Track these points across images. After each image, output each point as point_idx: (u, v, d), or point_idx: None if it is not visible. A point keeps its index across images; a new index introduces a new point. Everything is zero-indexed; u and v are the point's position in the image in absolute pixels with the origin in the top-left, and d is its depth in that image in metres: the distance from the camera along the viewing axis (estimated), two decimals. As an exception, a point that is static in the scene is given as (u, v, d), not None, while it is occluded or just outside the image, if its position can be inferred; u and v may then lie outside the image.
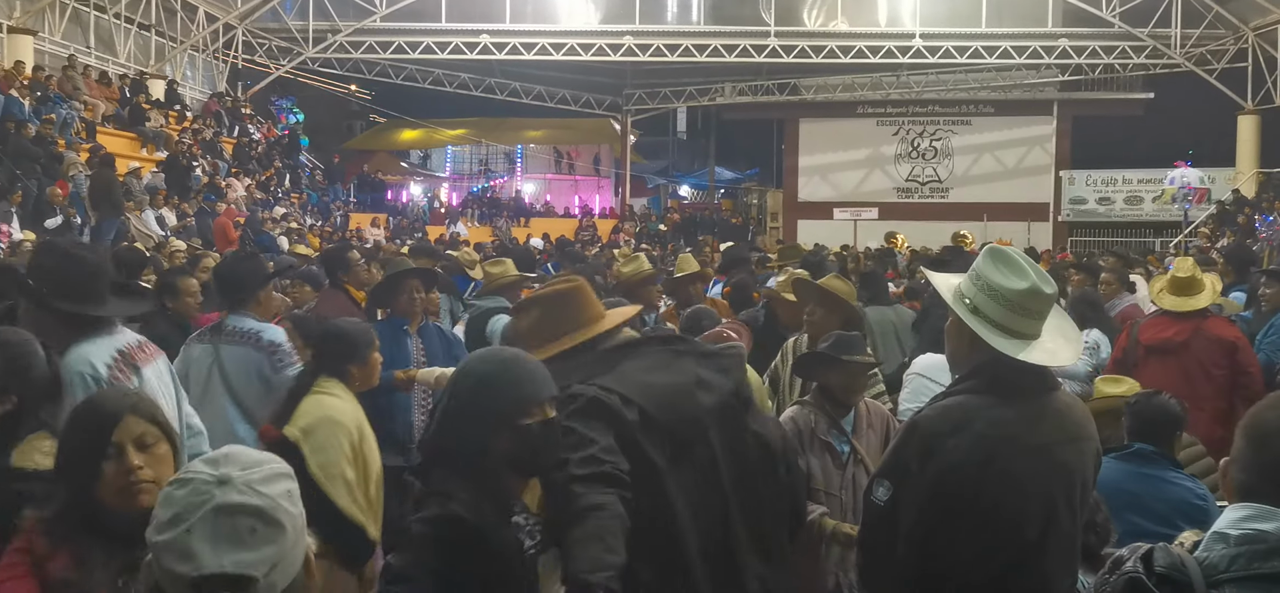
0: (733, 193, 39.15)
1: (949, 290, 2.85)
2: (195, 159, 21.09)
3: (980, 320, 2.71)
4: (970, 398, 2.74)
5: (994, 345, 2.68)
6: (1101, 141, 30.98)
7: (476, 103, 32.86)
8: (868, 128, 32.30)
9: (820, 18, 27.92)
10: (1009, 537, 2.68)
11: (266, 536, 1.61)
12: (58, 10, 22.39)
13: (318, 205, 27.02)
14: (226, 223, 18.22)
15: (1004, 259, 2.77)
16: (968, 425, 2.68)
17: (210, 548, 1.56)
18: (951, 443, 2.67)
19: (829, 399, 4.14)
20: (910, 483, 2.72)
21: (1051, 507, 2.70)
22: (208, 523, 1.57)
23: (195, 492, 1.60)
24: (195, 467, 1.65)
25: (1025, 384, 2.73)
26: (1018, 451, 2.67)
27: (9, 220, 14.61)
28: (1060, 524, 2.72)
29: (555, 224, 30.88)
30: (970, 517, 2.67)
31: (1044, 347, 2.72)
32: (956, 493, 2.67)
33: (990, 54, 27.08)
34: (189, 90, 26.61)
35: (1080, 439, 2.79)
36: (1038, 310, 2.73)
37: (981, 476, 2.66)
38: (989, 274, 2.74)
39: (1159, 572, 1.74)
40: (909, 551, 2.73)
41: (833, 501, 3.97)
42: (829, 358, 4.11)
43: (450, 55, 27.65)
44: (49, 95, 18.92)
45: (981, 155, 31.80)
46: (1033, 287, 2.70)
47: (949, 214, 28.99)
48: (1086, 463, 2.81)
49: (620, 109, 34.26)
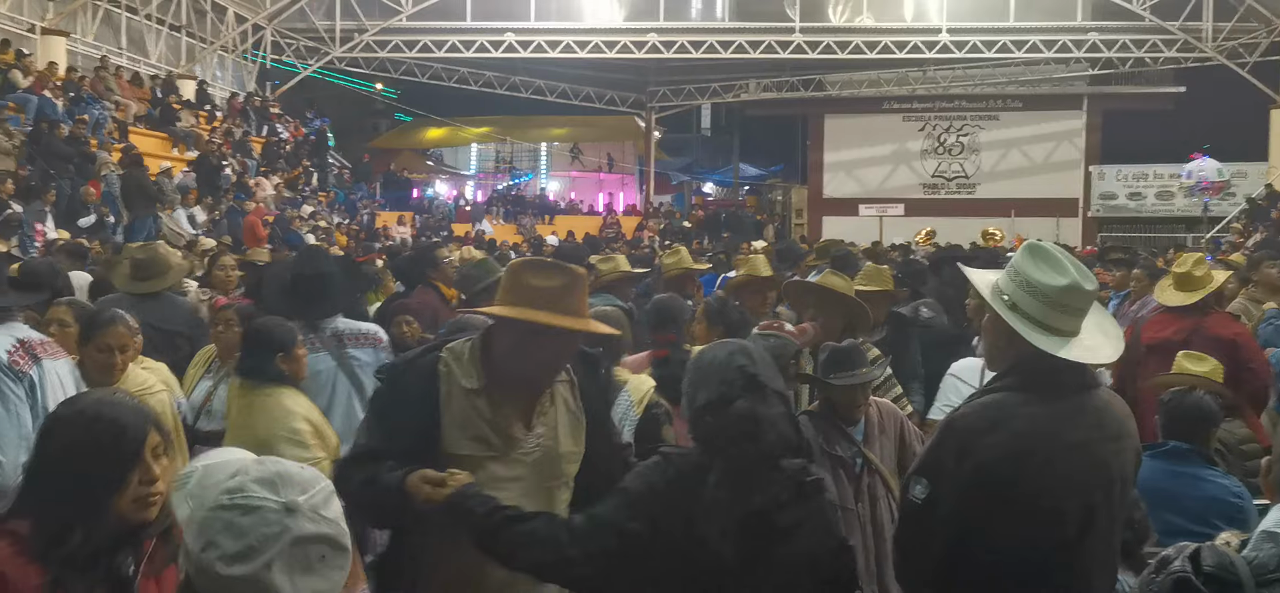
0: (757, 189, 39.07)
1: (987, 287, 2.83)
2: (225, 158, 21.26)
3: (1019, 317, 2.69)
4: (1008, 396, 2.72)
5: (1033, 342, 2.66)
6: (1132, 136, 30.64)
7: (501, 101, 32.95)
8: (893, 123, 32.14)
9: (845, 13, 27.77)
10: (1047, 535, 2.67)
11: (335, 561, 1.63)
12: (90, 12, 22.63)
13: (345, 204, 27.18)
14: (255, 221, 18.36)
15: (1043, 255, 2.74)
16: (1005, 423, 2.67)
17: (289, 581, 1.57)
18: (989, 440, 2.66)
19: (834, 411, 3.99)
20: (947, 481, 2.71)
21: (1090, 505, 2.69)
22: (285, 555, 1.57)
23: (266, 522, 1.59)
24: (253, 491, 1.62)
25: (1064, 381, 2.71)
26: (1056, 448, 2.65)
27: (43, 219, 14.77)
28: (1099, 523, 2.70)
29: (579, 222, 30.91)
30: (1008, 515, 2.66)
31: (1084, 344, 2.70)
32: (994, 491, 2.66)
33: (1018, 48, 26.87)
34: (218, 90, 26.83)
35: (1120, 437, 2.77)
36: (1078, 307, 2.70)
37: (1019, 473, 2.64)
38: (1028, 270, 2.71)
39: (1207, 571, 1.73)
40: (946, 549, 2.72)
41: (850, 515, 3.79)
42: (821, 380, 3.97)
43: (475, 54, 27.76)
44: (82, 96, 19.13)
45: (1009, 151, 31.57)
46: (1073, 283, 2.67)
47: (976, 210, 28.77)
48: (1126, 461, 2.79)
49: (644, 106, 34.26)
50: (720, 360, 2.66)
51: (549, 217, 31.98)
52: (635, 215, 32.78)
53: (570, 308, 2.83)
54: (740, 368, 2.62)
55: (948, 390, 4.89)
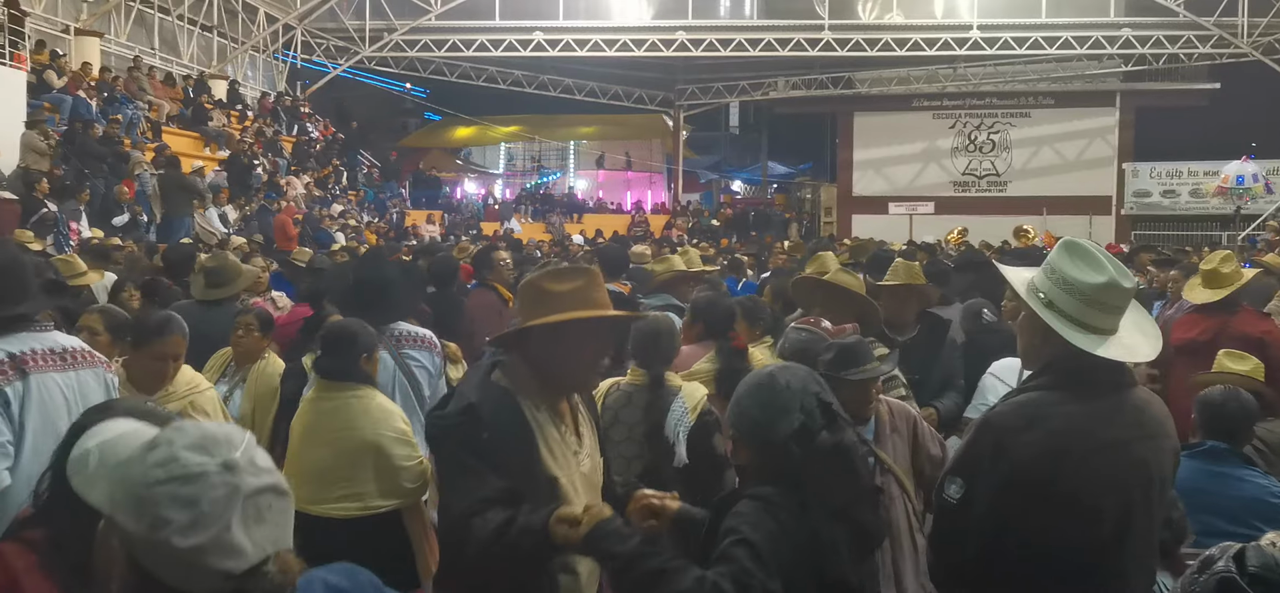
0: (786, 187, 38.96)
1: (1022, 284, 2.80)
2: (256, 158, 21.43)
3: (1055, 315, 2.66)
4: (1044, 394, 2.69)
5: (1070, 341, 2.62)
6: (1166, 133, 30.33)
7: (529, 100, 33.06)
8: (923, 121, 31.96)
9: (875, 10, 27.65)
10: (1085, 534, 2.63)
11: (281, 506, 1.63)
12: (123, 12, 22.89)
13: (374, 202, 27.34)
14: (286, 220, 18.49)
15: (1080, 252, 2.71)
16: (1041, 422, 2.63)
17: (246, 536, 1.56)
18: (1025, 439, 2.63)
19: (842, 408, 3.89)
20: (982, 480, 2.67)
21: (1128, 504, 2.65)
22: (240, 513, 1.56)
23: (211, 486, 1.56)
24: (188, 458, 1.58)
25: (1101, 380, 2.67)
26: (1093, 447, 2.62)
27: (77, 218, 14.93)
28: (1137, 522, 2.66)
29: (608, 220, 30.94)
30: (1045, 514, 2.62)
31: (1122, 342, 2.66)
32: (1030, 490, 2.62)
33: (1050, 45, 26.67)
34: (249, 90, 27.07)
35: (1158, 436, 2.73)
36: (1115, 305, 2.67)
37: (1056, 472, 2.61)
38: (1064, 268, 2.68)
39: (1252, 571, 1.69)
40: (981, 548, 2.68)
41: None
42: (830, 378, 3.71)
43: (503, 52, 27.87)
44: (115, 96, 19.34)
45: (1041, 148, 31.31)
46: (1111, 281, 2.64)
47: (1007, 208, 28.56)
48: (1164, 460, 2.74)
49: (672, 104, 34.24)
50: (796, 388, 2.53)
51: (577, 215, 32.04)
52: (664, 214, 32.78)
53: (597, 301, 2.84)
54: (816, 395, 2.53)
55: (986, 390, 4.79)
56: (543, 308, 2.82)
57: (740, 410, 2.59)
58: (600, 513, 2.49)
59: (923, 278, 5.70)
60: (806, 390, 2.52)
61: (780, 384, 2.54)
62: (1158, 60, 27.70)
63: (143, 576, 1.57)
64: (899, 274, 5.73)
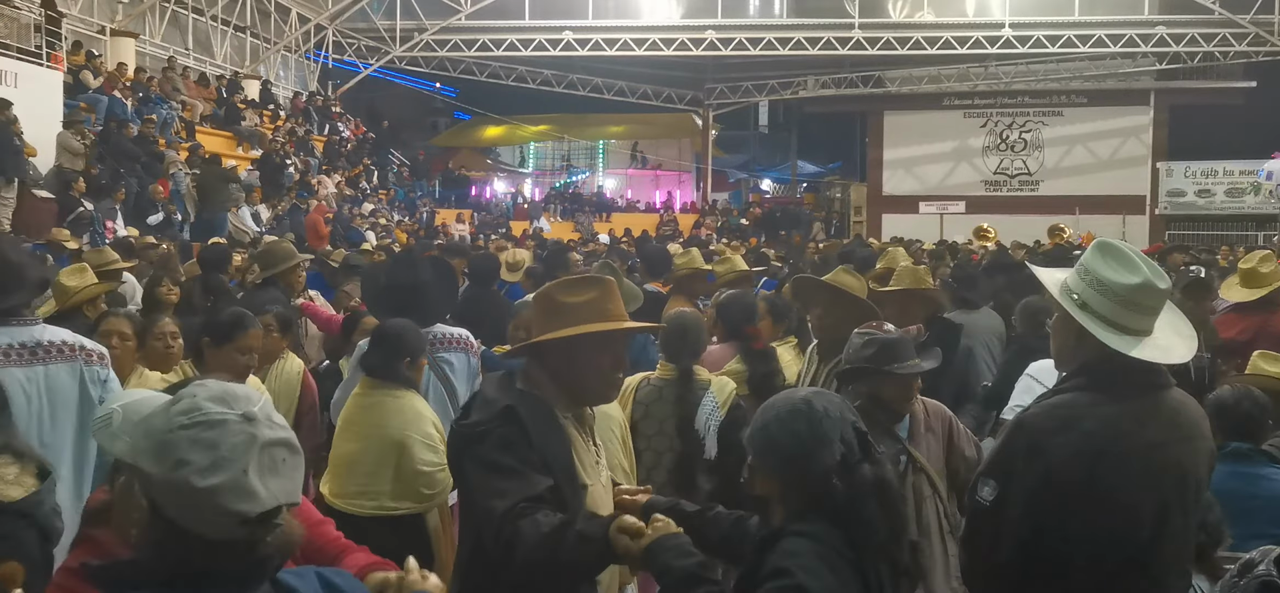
0: (815, 187, 38.82)
1: (1056, 285, 2.78)
2: (288, 157, 21.60)
3: (1089, 316, 2.65)
4: (1079, 395, 2.68)
5: (1105, 342, 2.61)
6: (1201, 131, 29.96)
7: (559, 99, 33.12)
8: (954, 120, 31.75)
9: (906, 9, 27.50)
10: (1120, 536, 2.62)
11: (294, 462, 1.72)
12: (158, 13, 23.15)
13: (404, 201, 27.50)
14: (317, 219, 18.61)
15: (1114, 253, 2.69)
16: (1076, 423, 2.62)
17: (262, 483, 1.65)
18: (1059, 441, 2.62)
19: (880, 407, 3.69)
20: (1017, 482, 2.66)
21: (1164, 506, 2.63)
22: (256, 460, 1.65)
23: (232, 433, 1.65)
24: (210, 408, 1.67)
25: (1136, 382, 2.65)
26: (1128, 449, 2.60)
27: (113, 217, 15.12)
28: (1173, 524, 2.65)
29: (636, 219, 30.95)
30: (1079, 516, 2.61)
31: (1157, 343, 2.64)
32: (1065, 492, 2.61)
33: (1083, 43, 26.44)
34: (282, 90, 27.30)
35: (1194, 438, 2.71)
36: (1150, 306, 2.65)
37: (1091, 474, 2.59)
38: (1098, 268, 2.67)
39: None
40: (1015, 551, 2.67)
41: None
42: (875, 372, 3.67)
43: (533, 52, 27.95)
44: (150, 96, 19.54)
45: (1073, 147, 31.02)
46: (1146, 281, 2.62)
47: (1039, 207, 28.34)
48: (1200, 463, 2.73)
49: (701, 103, 34.22)
50: (835, 416, 2.39)
51: (606, 214, 32.06)
52: (693, 213, 32.75)
53: (611, 313, 2.83)
54: (853, 424, 2.41)
55: (1021, 391, 4.75)
56: (557, 320, 2.81)
57: (770, 439, 2.41)
58: (668, 527, 2.43)
59: (928, 282, 5.60)
60: (845, 419, 2.39)
61: (818, 412, 2.38)
62: (1192, 58, 27.38)
63: (161, 519, 1.67)
64: (903, 279, 5.63)
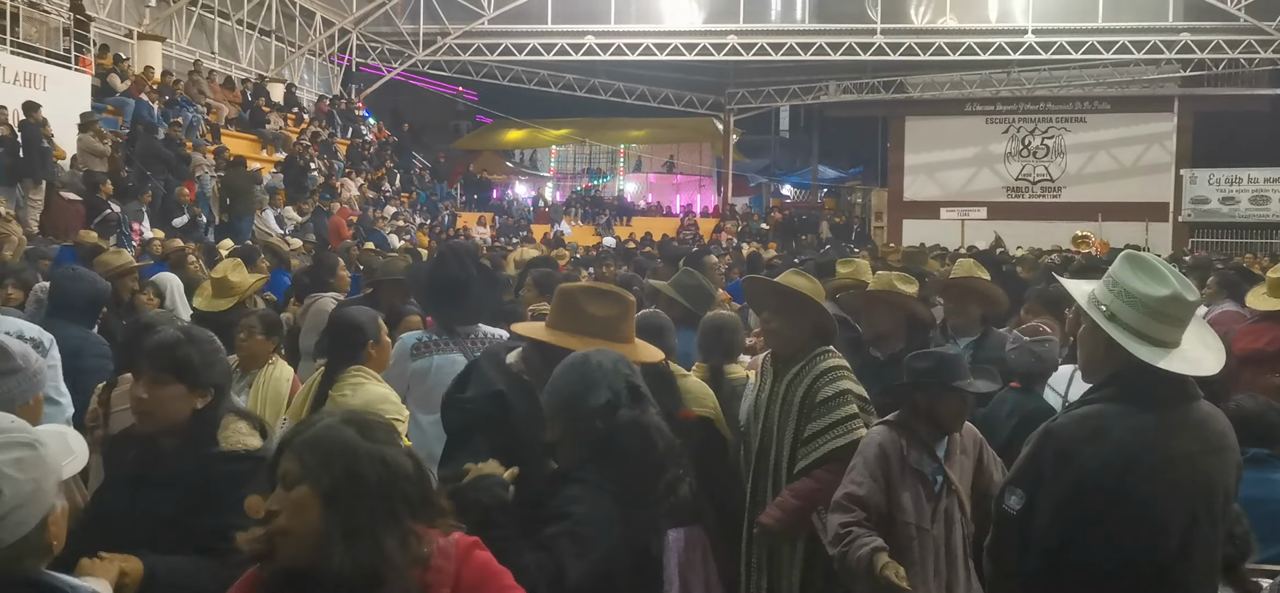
0: (836, 192, 38.74)
1: (1084, 296, 2.80)
2: (312, 160, 21.74)
3: (1118, 327, 2.66)
4: (1107, 406, 2.68)
5: (1133, 353, 2.62)
6: (1225, 138, 29.77)
7: (580, 103, 33.22)
8: (976, 125, 31.66)
9: (928, 14, 27.42)
10: (1148, 548, 2.63)
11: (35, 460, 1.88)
12: (185, 17, 23.37)
13: (426, 204, 27.62)
14: (340, 222, 18.73)
15: (1143, 264, 2.71)
16: (1105, 434, 2.63)
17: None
18: (1088, 451, 2.63)
19: (926, 422, 3.59)
20: (1044, 492, 2.67)
21: (1192, 518, 2.64)
22: None
23: None
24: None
25: (1164, 393, 2.66)
26: (1157, 460, 2.61)
27: (139, 219, 15.26)
28: (1201, 536, 2.66)
29: (657, 223, 30.98)
30: (1107, 527, 2.62)
31: (1186, 355, 2.65)
32: (1093, 502, 2.62)
33: (1107, 49, 26.27)
34: (306, 93, 27.48)
35: (1222, 450, 2.72)
36: (1179, 318, 2.66)
37: (1119, 485, 2.60)
38: (1127, 280, 2.68)
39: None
40: (1042, 561, 2.68)
41: (925, 536, 3.50)
42: (937, 386, 3.56)
43: (556, 56, 28.03)
44: (176, 99, 19.73)
45: (1096, 153, 30.88)
46: (1174, 293, 2.63)
47: (1061, 214, 28.26)
48: (1228, 474, 2.73)
49: (723, 108, 34.22)
50: (608, 368, 2.66)
51: (627, 218, 32.11)
52: (713, 217, 32.76)
53: (621, 335, 2.91)
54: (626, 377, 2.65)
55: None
56: (574, 323, 2.86)
57: (553, 387, 2.69)
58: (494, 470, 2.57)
59: (910, 287, 5.20)
60: (618, 372, 2.65)
61: (593, 364, 2.66)
62: (1217, 65, 27.18)
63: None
64: (881, 282, 5.34)
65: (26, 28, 16.53)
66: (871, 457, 3.53)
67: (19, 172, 14.28)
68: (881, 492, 3.49)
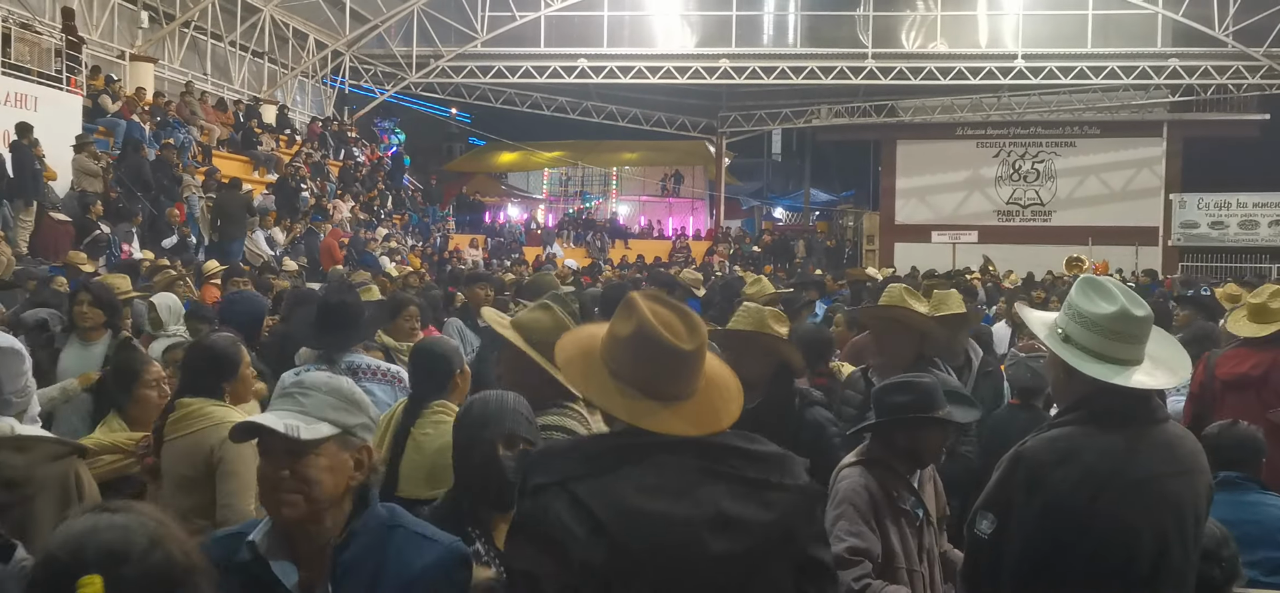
0: (828, 215, 38.87)
1: (1040, 325, 2.86)
2: (303, 181, 21.75)
3: (1071, 349, 2.71)
4: (1076, 429, 2.71)
5: (1084, 371, 2.66)
6: (1214, 163, 29.94)
7: (573, 126, 33.30)
8: (967, 149, 31.81)
9: (919, 39, 27.60)
10: (1119, 571, 2.64)
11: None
12: (177, 39, 23.40)
13: (418, 226, 27.65)
14: (332, 244, 18.76)
15: (1094, 286, 2.77)
16: (1074, 457, 2.66)
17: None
18: (1058, 474, 2.65)
19: (903, 458, 3.40)
20: (1016, 516, 2.70)
21: (1163, 540, 2.66)
22: None
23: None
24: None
25: (1130, 413, 2.69)
26: (1128, 483, 2.64)
27: (129, 240, 15.25)
28: (1172, 558, 2.68)
29: (649, 245, 31.04)
30: (1079, 550, 2.64)
31: (1142, 371, 2.69)
32: (1065, 525, 2.64)
33: (1096, 74, 26.44)
34: (298, 115, 27.52)
35: (1192, 472, 2.74)
36: (1132, 334, 2.70)
37: (1090, 508, 2.63)
38: (1078, 302, 2.74)
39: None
40: (1014, 584, 2.70)
41: (916, 577, 3.32)
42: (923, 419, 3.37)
43: (548, 79, 28.11)
44: (168, 120, 19.72)
45: (1086, 178, 31.05)
46: (1122, 310, 2.68)
47: (1052, 237, 28.36)
48: (1198, 496, 2.76)
49: (715, 131, 34.34)
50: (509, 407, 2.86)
51: (626, 241, 32.16)
52: (706, 239, 32.83)
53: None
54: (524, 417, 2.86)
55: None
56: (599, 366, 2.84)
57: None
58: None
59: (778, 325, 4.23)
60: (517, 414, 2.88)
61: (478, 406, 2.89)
62: (1206, 90, 27.36)
63: None
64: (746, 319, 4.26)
65: (19, 49, 16.50)
66: (862, 504, 3.26)
67: (9, 192, 14.27)
68: (877, 539, 3.26)
